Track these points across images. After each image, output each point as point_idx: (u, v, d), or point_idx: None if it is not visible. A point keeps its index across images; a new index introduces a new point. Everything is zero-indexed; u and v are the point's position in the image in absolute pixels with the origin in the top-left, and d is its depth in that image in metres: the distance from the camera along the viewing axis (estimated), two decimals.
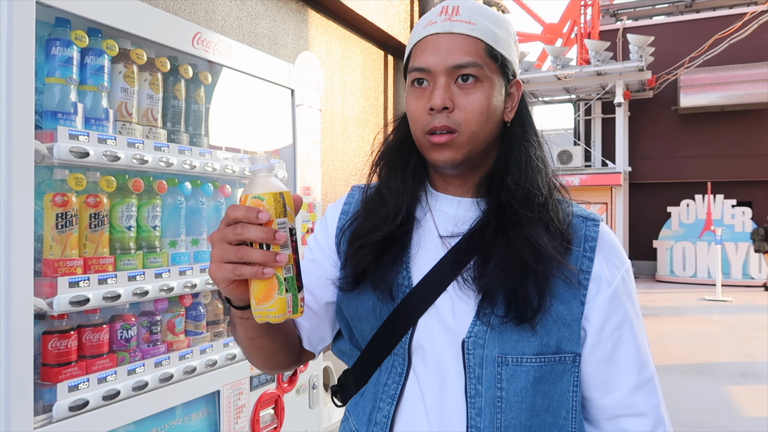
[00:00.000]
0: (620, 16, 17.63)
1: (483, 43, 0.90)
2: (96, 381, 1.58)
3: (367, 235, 0.95)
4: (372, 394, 0.95)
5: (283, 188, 0.78)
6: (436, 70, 0.90)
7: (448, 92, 0.89)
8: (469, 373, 0.87)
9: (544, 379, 0.87)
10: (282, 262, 0.75)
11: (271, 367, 1.02)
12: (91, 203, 1.62)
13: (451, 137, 0.90)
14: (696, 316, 9.10)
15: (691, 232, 13.62)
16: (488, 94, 0.90)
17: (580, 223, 0.94)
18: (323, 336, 1.05)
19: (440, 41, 0.91)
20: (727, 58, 13.92)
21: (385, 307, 0.93)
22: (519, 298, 0.86)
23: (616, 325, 0.91)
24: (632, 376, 0.91)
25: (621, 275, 0.92)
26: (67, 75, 1.56)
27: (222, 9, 3.15)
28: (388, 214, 0.95)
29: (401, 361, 0.92)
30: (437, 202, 0.99)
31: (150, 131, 1.83)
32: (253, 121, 2.40)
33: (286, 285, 0.76)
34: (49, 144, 1.47)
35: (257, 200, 0.76)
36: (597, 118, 15.66)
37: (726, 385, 5.45)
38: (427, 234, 0.96)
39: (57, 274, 1.51)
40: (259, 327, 0.89)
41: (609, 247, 0.94)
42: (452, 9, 0.93)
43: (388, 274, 0.93)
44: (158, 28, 1.81)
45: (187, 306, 2.00)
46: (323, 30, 4.18)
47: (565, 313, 0.88)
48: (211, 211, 2.11)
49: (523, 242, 0.88)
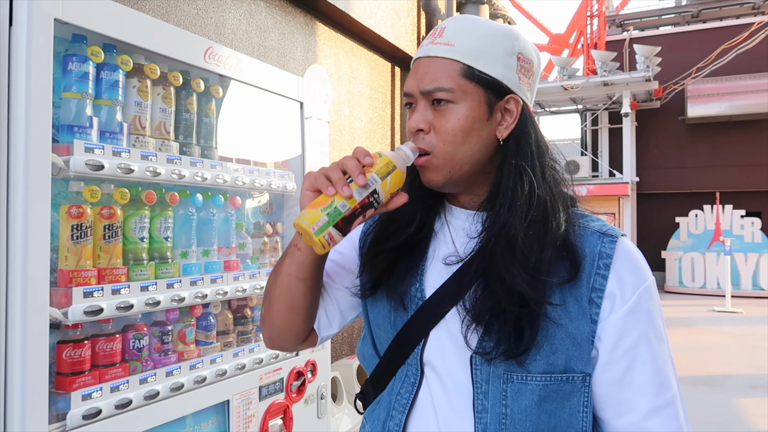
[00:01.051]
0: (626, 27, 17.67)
1: (458, 64, 0.90)
2: (109, 390, 1.61)
3: (382, 242, 0.98)
4: (386, 402, 0.97)
5: (402, 168, 0.89)
6: (415, 94, 0.93)
7: (425, 115, 0.92)
8: (476, 388, 0.88)
9: (551, 398, 0.86)
10: (345, 193, 0.84)
11: (285, 324, 1.02)
12: (106, 215, 1.66)
13: (427, 159, 0.92)
14: (705, 328, 9.04)
15: (700, 243, 13.54)
16: (464, 114, 0.90)
17: (596, 240, 0.91)
18: (331, 323, 1.07)
19: (420, 66, 0.94)
20: (735, 68, 13.90)
21: (398, 317, 0.96)
22: (509, 334, 0.85)
23: (631, 345, 0.87)
24: (648, 399, 0.87)
25: (639, 293, 0.88)
26: (83, 90, 1.60)
27: (232, 23, 3.20)
28: (401, 224, 0.98)
29: (414, 371, 0.94)
30: (452, 216, 1.00)
31: (163, 144, 1.86)
32: (262, 133, 2.44)
33: (331, 210, 0.84)
34: (66, 157, 1.51)
35: (377, 154, 0.88)
36: (604, 128, 15.65)
37: (736, 398, 5.41)
38: (442, 247, 0.98)
39: (72, 284, 1.54)
40: (303, 267, 0.95)
41: (626, 263, 0.90)
42: (439, 30, 0.94)
43: (401, 283, 0.96)
44: (171, 43, 1.85)
45: (198, 316, 2.03)
46: (331, 42, 4.23)
47: (574, 331, 0.87)
48: (221, 222, 2.14)
49: (495, 279, 0.86)
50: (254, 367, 2.14)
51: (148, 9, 2.65)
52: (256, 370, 2.14)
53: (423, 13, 5.50)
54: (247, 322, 2.26)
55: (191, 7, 2.91)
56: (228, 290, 2.02)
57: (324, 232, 0.84)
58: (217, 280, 1.99)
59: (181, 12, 2.85)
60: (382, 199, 0.87)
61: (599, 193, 13.70)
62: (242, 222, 2.30)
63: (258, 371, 2.15)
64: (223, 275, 2.02)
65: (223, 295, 2.01)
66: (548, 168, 0.95)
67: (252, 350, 2.15)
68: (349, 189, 0.84)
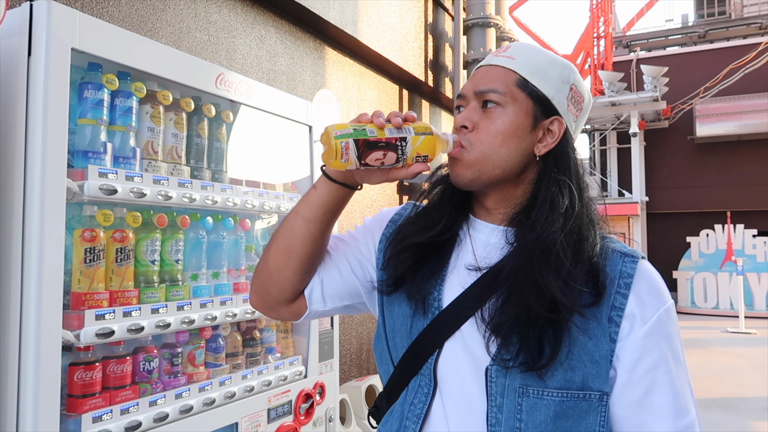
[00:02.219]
0: (633, 47, 17.78)
1: (515, 75, 0.96)
2: (119, 412, 1.62)
3: (409, 238, 0.99)
4: (399, 413, 0.97)
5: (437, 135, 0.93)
6: (468, 95, 0.99)
7: (472, 114, 0.96)
8: (491, 401, 0.88)
9: (566, 415, 0.86)
10: (377, 123, 0.89)
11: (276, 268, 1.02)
12: (118, 238, 1.69)
13: (461, 151, 0.95)
14: (719, 349, 8.91)
15: (712, 263, 13.41)
16: (508, 119, 0.94)
17: (618, 259, 0.93)
18: (325, 296, 1.06)
19: (479, 72, 1.00)
20: (743, 88, 13.91)
21: (416, 325, 0.96)
22: (531, 345, 0.85)
23: (650, 367, 0.87)
24: (667, 422, 0.86)
25: (659, 315, 0.89)
26: (98, 116, 1.64)
27: (242, 48, 3.27)
28: (428, 223, 1.00)
29: (427, 381, 0.94)
30: (475, 229, 1.02)
31: (174, 168, 1.90)
32: (272, 156, 2.47)
33: (358, 127, 0.89)
34: (80, 182, 1.54)
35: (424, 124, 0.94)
36: (612, 148, 15.65)
37: (751, 420, 5.31)
38: (464, 256, 0.99)
39: (84, 306, 1.56)
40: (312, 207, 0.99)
41: (646, 284, 0.91)
42: (505, 47, 1.01)
43: (424, 285, 0.96)
44: (183, 70, 1.90)
45: (207, 338, 2.04)
46: (340, 66, 4.30)
47: (592, 349, 0.87)
48: (231, 244, 2.17)
49: (528, 282, 0.87)
50: (263, 390, 2.14)
51: (161, 36, 2.71)
52: (265, 392, 2.15)
53: (430, 36, 5.58)
54: (256, 344, 2.27)
55: (203, 33, 2.98)
56: (237, 312, 2.04)
57: (343, 139, 0.87)
58: (227, 302, 2.00)
59: (194, 38, 2.92)
60: (408, 152, 0.91)
61: (609, 213, 13.23)
62: (252, 244, 2.32)
63: (266, 393, 2.15)
64: (233, 297, 2.04)
65: (233, 317, 2.02)
66: (585, 188, 0.98)
67: (261, 372, 2.16)
68: (382, 122, 0.89)
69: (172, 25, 2.79)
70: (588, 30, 17.03)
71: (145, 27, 2.64)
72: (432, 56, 5.56)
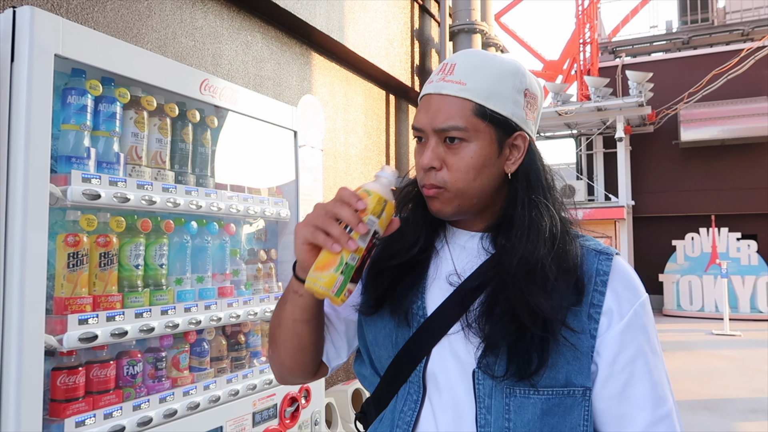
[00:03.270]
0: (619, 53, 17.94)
1: (471, 103, 0.92)
2: (102, 417, 1.62)
3: (385, 261, 1.00)
4: (389, 420, 0.98)
5: (391, 200, 0.88)
6: (426, 131, 0.95)
7: (437, 152, 0.94)
8: (479, 403, 0.90)
9: (552, 412, 0.89)
10: (351, 247, 0.83)
11: (295, 364, 1.04)
12: (102, 243, 1.69)
13: (438, 191, 0.95)
14: (704, 351, 9.00)
15: (697, 266, 13.55)
16: (476, 152, 0.93)
17: (593, 258, 0.95)
18: (339, 352, 1.10)
19: (431, 102, 0.95)
20: (726, 93, 14.10)
21: (401, 335, 0.98)
22: (520, 355, 0.87)
23: (629, 360, 0.90)
24: (647, 412, 0.90)
25: (634, 309, 0.92)
26: (82, 122, 1.65)
27: (228, 53, 3.28)
28: (404, 244, 1.00)
29: (416, 388, 0.96)
30: (452, 236, 1.03)
31: (158, 173, 1.91)
32: (257, 162, 2.49)
33: (344, 268, 0.84)
34: (63, 187, 1.55)
35: (365, 192, 0.87)
36: (599, 153, 15.79)
37: (736, 421, 5.37)
38: (443, 265, 1.00)
39: (67, 311, 1.57)
40: (306, 311, 0.97)
41: (622, 280, 0.94)
42: (449, 67, 0.96)
43: (405, 299, 0.98)
44: (167, 76, 1.91)
45: (192, 342, 2.05)
46: (326, 72, 4.32)
47: (576, 345, 0.90)
48: (216, 249, 2.18)
49: (521, 304, 0.88)
50: (248, 393, 2.15)
51: (147, 42, 2.72)
52: (250, 396, 2.15)
53: (417, 42, 5.62)
54: (241, 348, 2.28)
55: (189, 39, 2.99)
56: (222, 316, 2.04)
57: (344, 291, 0.84)
58: (211, 306, 2.01)
59: (179, 44, 2.92)
60: (381, 235, 0.88)
61: (595, 217, 13.75)
62: (237, 249, 2.33)
63: (251, 397, 2.16)
64: (217, 301, 2.04)
65: (217, 321, 2.03)
66: (559, 201, 0.99)
67: (246, 376, 2.17)
68: (354, 242, 0.83)
69: (158, 31, 2.80)
70: (574, 36, 17.19)
71: (131, 33, 2.64)
72: (418, 62, 5.60)
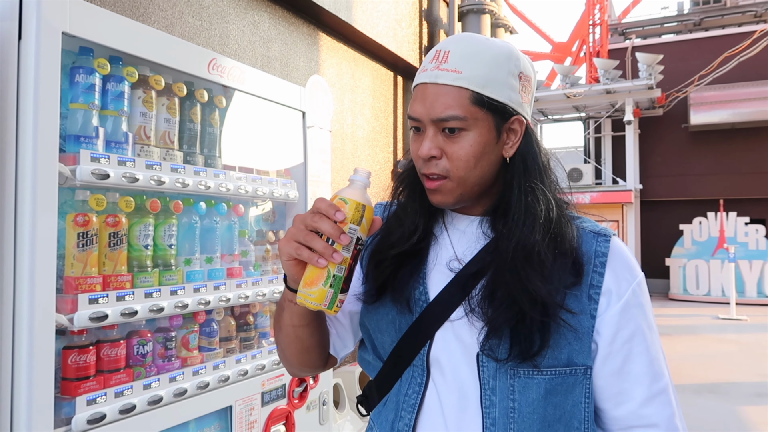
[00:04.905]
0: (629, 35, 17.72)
1: (468, 92, 0.91)
2: (113, 395, 1.63)
3: (385, 251, 1.00)
4: (394, 403, 0.99)
5: (369, 203, 0.87)
6: (424, 121, 0.94)
7: (436, 141, 0.93)
8: (483, 385, 0.92)
9: (556, 391, 0.91)
10: (336, 260, 0.83)
11: (302, 363, 1.07)
12: (111, 223, 1.69)
13: (441, 183, 0.94)
14: (710, 335, 9.00)
15: (704, 250, 13.50)
16: (476, 140, 0.92)
17: (591, 240, 0.97)
18: (345, 343, 1.11)
19: (427, 92, 0.94)
20: (737, 76, 13.91)
21: (403, 320, 0.98)
22: (522, 338, 0.89)
23: (627, 338, 0.93)
24: (644, 388, 0.93)
25: (632, 288, 0.94)
26: (90, 101, 1.63)
27: (236, 34, 3.25)
28: (404, 233, 1.00)
29: (420, 372, 0.97)
30: (452, 221, 1.03)
31: (167, 153, 1.90)
32: (265, 142, 2.47)
33: (333, 281, 0.84)
34: (72, 166, 1.55)
35: (342, 201, 0.86)
36: (607, 136, 15.66)
37: (740, 405, 5.39)
38: (443, 251, 1.00)
39: (77, 291, 1.57)
40: (304, 316, 0.97)
41: (620, 261, 0.96)
42: (443, 55, 0.94)
43: (406, 286, 0.98)
44: (176, 55, 1.89)
45: (201, 322, 2.05)
46: (334, 52, 4.28)
47: (576, 327, 0.92)
48: (224, 230, 2.17)
49: (518, 289, 0.89)
50: (257, 373, 2.16)
51: (154, 21, 2.70)
52: (259, 376, 2.17)
53: (425, 22, 5.55)
54: (250, 329, 2.29)
55: (196, 18, 2.96)
56: (231, 297, 2.05)
57: (335, 302, 0.85)
58: (220, 287, 2.02)
59: (186, 24, 2.90)
60: (364, 241, 0.88)
61: (603, 201, 13.68)
62: (245, 230, 2.33)
63: (260, 377, 2.17)
64: (226, 282, 2.05)
65: (226, 301, 2.03)
66: (554, 183, 0.99)
67: (254, 356, 2.18)
68: (339, 254, 0.83)
69: (165, 10, 2.77)
70: (584, 17, 16.96)
71: (137, 12, 2.62)
72: (427, 42, 5.54)
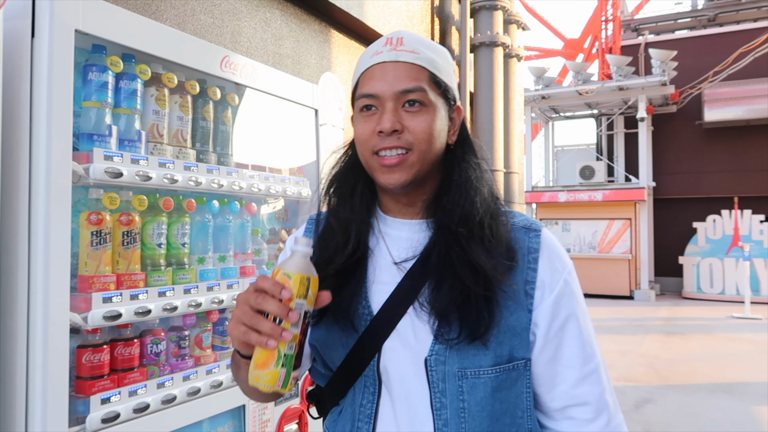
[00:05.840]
0: (642, 31, 17.54)
1: (427, 71, 0.97)
2: (127, 394, 1.63)
3: (323, 268, 0.97)
4: (350, 414, 1.00)
5: (313, 274, 0.85)
6: (384, 96, 0.95)
7: (397, 116, 0.95)
8: (433, 388, 0.94)
9: (501, 387, 0.94)
10: (286, 339, 0.81)
11: (266, 400, 1.11)
12: (124, 221, 1.68)
13: (404, 157, 0.95)
14: (724, 334, 8.90)
15: (719, 248, 13.35)
16: (433, 117, 0.96)
17: (523, 236, 1.00)
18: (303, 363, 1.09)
19: (387, 69, 0.97)
20: (753, 72, 13.73)
21: (350, 338, 0.98)
22: (471, 317, 0.91)
23: (561, 325, 0.97)
24: (576, 370, 0.97)
25: (563, 279, 0.99)
26: (103, 99, 1.63)
27: (248, 31, 3.24)
28: (338, 244, 1.00)
29: (372, 382, 0.98)
30: (388, 227, 1.04)
31: (180, 151, 1.89)
32: (277, 140, 2.46)
33: (284, 360, 0.82)
34: (86, 165, 1.54)
35: (285, 277, 0.83)
36: (620, 133, 15.53)
37: (755, 405, 5.32)
38: (381, 261, 1.01)
39: (91, 289, 1.57)
40: None
41: (551, 254, 1.00)
42: (396, 40, 0.99)
43: (348, 306, 0.98)
44: (188, 53, 1.88)
45: (214, 321, 2.05)
46: (345, 49, 4.26)
47: (514, 323, 0.95)
48: (237, 228, 2.17)
49: (463, 263, 0.93)
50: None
51: (166, 19, 2.69)
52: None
53: (437, 19, 5.52)
54: None
55: (208, 16, 2.96)
56: None
57: (289, 381, 0.83)
58: (234, 285, 2.01)
59: (198, 21, 2.89)
60: (311, 313, 0.86)
61: (615, 198, 13.57)
62: (258, 228, 2.32)
63: None
64: (239, 281, 2.04)
65: None
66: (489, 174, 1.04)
67: None
68: (288, 332, 0.81)
69: (177, 8, 2.77)
70: (596, 13, 16.81)
71: (150, 9, 2.61)
72: (438, 39, 5.51)
